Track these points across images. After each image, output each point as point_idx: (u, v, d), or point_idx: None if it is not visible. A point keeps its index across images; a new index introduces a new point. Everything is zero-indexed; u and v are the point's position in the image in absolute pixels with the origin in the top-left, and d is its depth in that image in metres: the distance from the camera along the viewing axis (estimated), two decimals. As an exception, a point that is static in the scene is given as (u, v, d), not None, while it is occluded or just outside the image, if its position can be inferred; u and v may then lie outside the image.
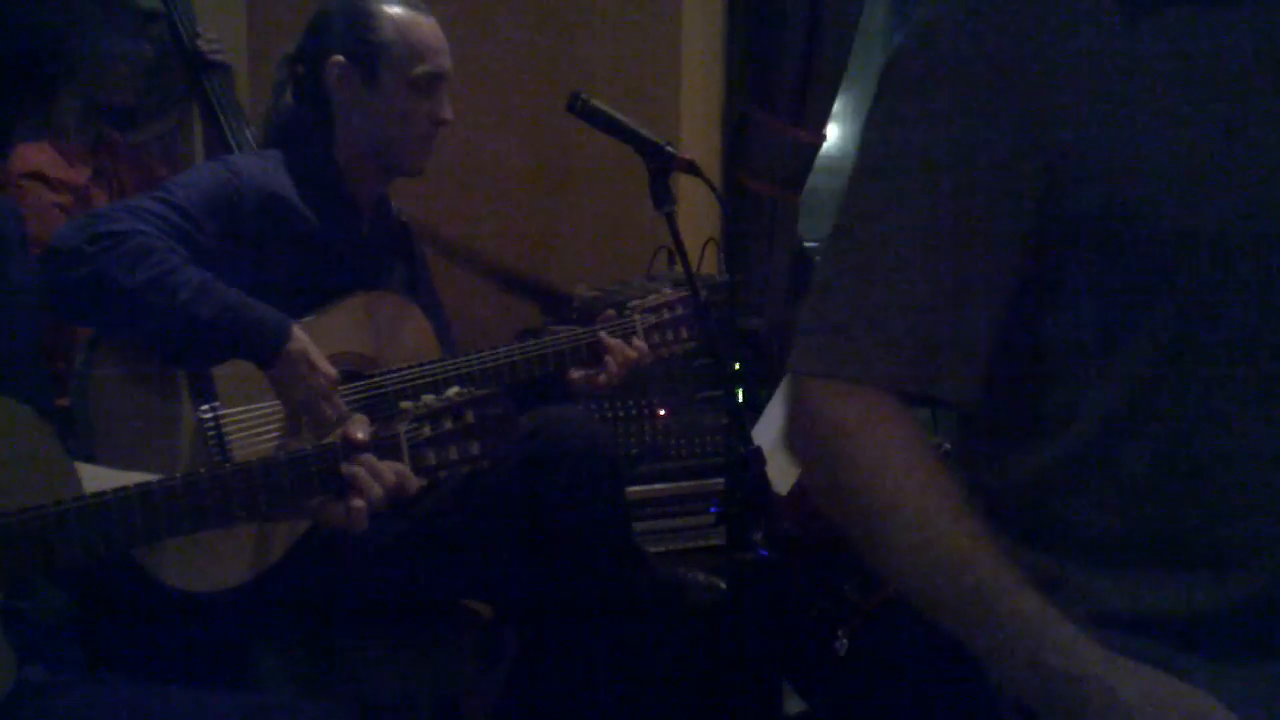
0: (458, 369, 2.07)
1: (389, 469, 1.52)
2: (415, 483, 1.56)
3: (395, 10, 2.11)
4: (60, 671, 1.37)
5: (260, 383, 1.92)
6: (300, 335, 1.91)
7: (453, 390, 1.61)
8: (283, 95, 2.22)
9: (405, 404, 1.59)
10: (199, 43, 2.64)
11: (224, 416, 1.92)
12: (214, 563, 1.84)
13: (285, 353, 1.88)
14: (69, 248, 1.81)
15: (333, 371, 1.94)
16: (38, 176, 2.33)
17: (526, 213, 3.44)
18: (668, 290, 2.28)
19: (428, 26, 2.14)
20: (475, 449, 1.59)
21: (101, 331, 1.89)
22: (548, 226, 3.43)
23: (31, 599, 1.42)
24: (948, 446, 1.32)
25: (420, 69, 2.10)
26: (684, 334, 2.22)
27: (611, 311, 2.23)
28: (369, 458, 1.51)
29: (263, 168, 2.07)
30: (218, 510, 1.40)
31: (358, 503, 1.50)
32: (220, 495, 1.39)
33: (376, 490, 1.52)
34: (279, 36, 3.27)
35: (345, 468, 1.49)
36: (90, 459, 1.67)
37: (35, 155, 2.35)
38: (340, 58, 2.11)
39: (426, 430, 1.57)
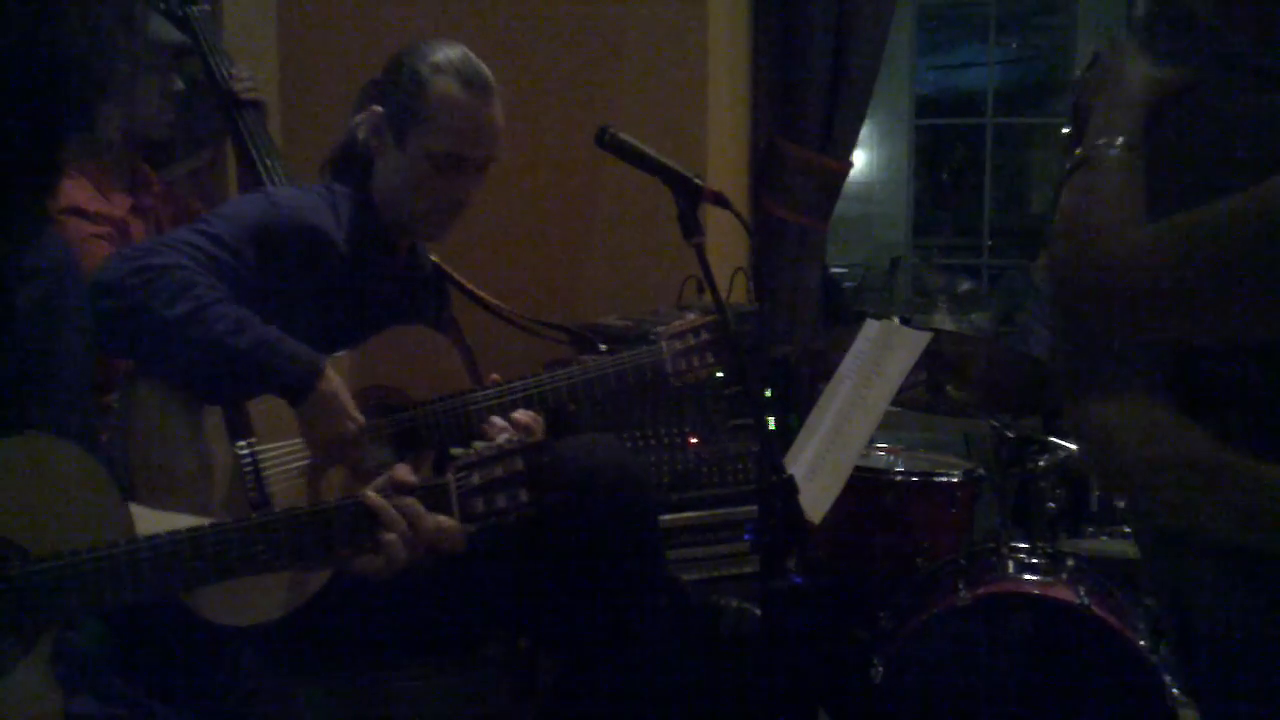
0: (487, 400, 2.07)
1: (430, 522, 1.49)
2: (460, 541, 1.51)
3: (448, 85, 2.07)
4: (107, 705, 1.38)
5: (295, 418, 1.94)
6: (333, 376, 1.92)
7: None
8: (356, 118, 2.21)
9: (456, 450, 1.55)
10: (232, 81, 2.66)
11: (260, 453, 1.94)
12: (252, 597, 1.84)
13: (317, 391, 1.90)
14: (111, 281, 1.84)
15: (360, 419, 1.94)
16: (76, 212, 2.34)
17: (556, 245, 3.47)
18: (692, 315, 2.26)
19: (473, 110, 2.09)
20: (524, 496, 1.53)
21: (141, 363, 1.91)
22: (577, 259, 3.45)
23: (78, 632, 1.43)
24: None
25: (442, 148, 2.08)
26: (709, 359, 2.19)
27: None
28: (415, 508, 1.48)
29: (302, 200, 2.09)
30: (264, 559, 1.40)
31: (392, 555, 1.48)
32: (269, 544, 1.39)
33: (414, 548, 1.49)
34: (310, 73, 3.33)
35: (384, 535, 1.46)
36: (128, 493, 1.68)
37: (72, 191, 2.35)
38: (379, 109, 2.12)
39: (476, 478, 1.53)
